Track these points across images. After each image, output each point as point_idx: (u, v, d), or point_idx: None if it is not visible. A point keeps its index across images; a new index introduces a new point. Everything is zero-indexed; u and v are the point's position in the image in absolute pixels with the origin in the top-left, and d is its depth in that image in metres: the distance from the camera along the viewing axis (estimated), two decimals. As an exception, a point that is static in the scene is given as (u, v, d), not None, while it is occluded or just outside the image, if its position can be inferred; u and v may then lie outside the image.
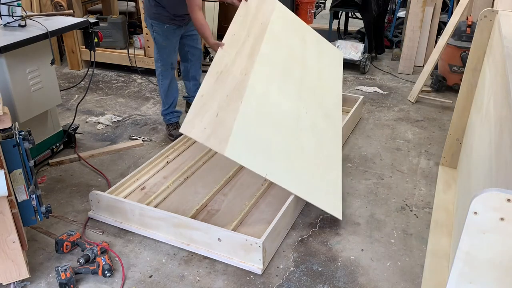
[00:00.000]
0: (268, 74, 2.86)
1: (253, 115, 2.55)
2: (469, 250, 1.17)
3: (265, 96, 2.72)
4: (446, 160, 3.04)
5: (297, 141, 2.68)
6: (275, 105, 2.74)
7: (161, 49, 3.24)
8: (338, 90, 3.48)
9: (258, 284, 2.14)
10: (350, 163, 3.15)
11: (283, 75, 2.98)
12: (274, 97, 2.77)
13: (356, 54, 4.83)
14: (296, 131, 2.74)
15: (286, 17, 3.44)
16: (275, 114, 2.69)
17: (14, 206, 1.94)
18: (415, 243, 2.40)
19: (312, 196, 2.47)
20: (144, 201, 2.59)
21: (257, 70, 2.77)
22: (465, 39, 4.07)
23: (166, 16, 3.10)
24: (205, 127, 2.29)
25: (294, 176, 2.49)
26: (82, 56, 4.89)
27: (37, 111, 2.95)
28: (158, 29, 3.17)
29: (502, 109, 1.71)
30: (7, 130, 1.90)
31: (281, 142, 2.58)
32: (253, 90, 2.64)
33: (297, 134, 2.73)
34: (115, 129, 3.66)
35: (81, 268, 2.16)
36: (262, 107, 2.65)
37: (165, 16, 3.10)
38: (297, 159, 2.59)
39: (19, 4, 2.79)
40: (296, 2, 6.18)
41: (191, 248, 2.33)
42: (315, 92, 3.17)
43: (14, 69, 2.70)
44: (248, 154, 2.35)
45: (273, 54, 3.02)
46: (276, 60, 3.02)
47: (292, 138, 2.67)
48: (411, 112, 3.94)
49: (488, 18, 2.55)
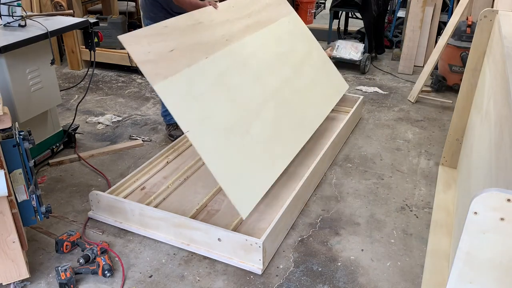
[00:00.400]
0: (250, 54, 2.71)
1: (210, 76, 2.38)
2: (469, 250, 1.17)
3: (235, 71, 2.55)
4: (446, 160, 3.04)
5: (244, 124, 2.49)
6: (240, 83, 2.56)
7: None
8: (324, 109, 3.29)
9: (258, 284, 2.14)
10: (350, 163, 3.15)
11: (268, 65, 2.85)
12: (245, 76, 2.60)
13: (356, 54, 4.83)
14: (251, 116, 2.54)
15: (297, 27, 3.39)
16: (234, 90, 2.50)
17: (14, 206, 1.94)
18: (415, 243, 2.40)
19: (226, 181, 2.23)
20: (144, 201, 2.59)
21: (242, 44, 2.62)
22: (465, 39, 4.08)
23: (162, 14, 3.08)
24: (150, 51, 2.19)
25: (219, 153, 2.28)
26: (82, 56, 4.89)
27: (37, 111, 2.95)
28: None
29: (502, 109, 1.71)
30: (7, 130, 1.90)
31: (224, 113, 2.39)
32: (227, 55, 2.50)
33: (251, 119, 2.53)
34: (115, 129, 3.66)
35: (81, 268, 2.16)
36: (225, 77, 2.47)
37: (162, 15, 3.08)
38: (233, 139, 2.39)
39: (19, 4, 2.79)
40: (296, 2, 6.19)
41: (191, 248, 2.33)
42: (297, 99, 3.02)
43: (14, 69, 2.70)
44: (180, 103, 2.20)
45: (266, 43, 2.92)
46: (267, 49, 2.90)
47: (241, 120, 2.47)
48: (411, 112, 3.94)
49: (488, 18, 2.55)
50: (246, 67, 2.68)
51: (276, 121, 2.71)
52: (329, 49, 5.00)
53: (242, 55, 2.69)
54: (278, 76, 2.95)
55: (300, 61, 3.26)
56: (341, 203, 2.72)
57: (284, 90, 2.95)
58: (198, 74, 2.34)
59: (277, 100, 2.82)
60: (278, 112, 2.76)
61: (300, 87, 3.12)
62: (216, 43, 2.52)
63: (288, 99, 2.96)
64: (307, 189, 2.72)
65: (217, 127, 2.34)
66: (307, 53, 3.39)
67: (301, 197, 2.62)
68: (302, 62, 3.28)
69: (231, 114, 2.46)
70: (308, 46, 3.46)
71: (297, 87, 3.09)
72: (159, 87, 2.16)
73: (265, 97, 2.74)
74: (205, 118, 2.30)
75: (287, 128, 2.78)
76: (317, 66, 3.47)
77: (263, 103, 2.69)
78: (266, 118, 2.65)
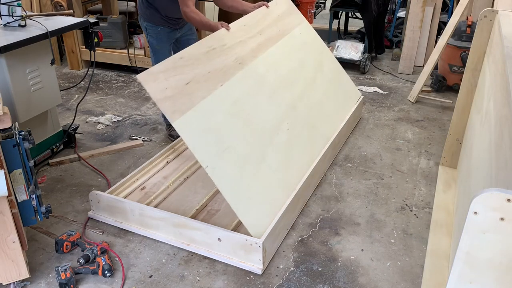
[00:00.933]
0: (263, 74, 2.75)
1: (226, 103, 2.38)
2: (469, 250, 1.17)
3: (249, 95, 2.56)
4: (446, 160, 3.04)
5: (259, 152, 2.49)
6: (255, 106, 2.57)
7: (155, 52, 3.19)
8: (338, 122, 3.26)
9: (258, 284, 2.14)
10: (350, 163, 3.15)
11: (281, 83, 2.87)
12: (259, 98, 2.62)
13: (356, 54, 4.83)
14: (265, 142, 2.55)
15: (309, 36, 3.37)
16: (249, 115, 2.51)
17: (14, 206, 1.94)
18: (415, 243, 2.40)
19: (242, 209, 2.23)
20: (144, 201, 2.59)
21: (255, 65, 2.63)
22: (465, 39, 4.07)
23: (159, 18, 3.05)
24: (167, 88, 2.19)
25: (235, 183, 2.29)
26: (82, 56, 4.89)
27: (37, 111, 2.95)
28: (151, 32, 3.12)
29: (502, 109, 1.71)
30: (7, 130, 1.90)
31: (240, 142, 2.39)
32: (241, 80, 2.51)
33: (265, 146, 2.53)
34: (115, 129, 3.66)
35: (81, 268, 2.16)
36: (240, 103, 2.48)
37: (158, 18, 3.06)
38: (249, 169, 2.39)
39: (19, 4, 2.79)
40: (296, 2, 6.18)
41: (191, 248, 2.33)
42: (311, 115, 3.00)
43: (14, 69, 2.70)
44: (198, 137, 2.22)
45: (278, 61, 2.93)
46: (279, 66, 2.92)
47: (256, 148, 2.48)
48: (411, 112, 3.94)
49: (488, 18, 2.55)
50: (260, 88, 2.68)
51: (290, 145, 2.71)
52: (329, 49, 5.00)
53: (256, 76, 2.70)
54: (291, 93, 2.93)
55: (312, 75, 3.24)
56: (341, 203, 2.72)
57: (298, 107, 2.93)
58: (214, 104, 2.35)
59: (291, 119, 2.81)
60: (292, 133, 2.76)
61: (313, 102, 3.11)
62: (230, 67, 2.52)
63: (302, 116, 2.94)
64: (307, 189, 2.72)
65: (234, 158, 2.34)
66: (318, 64, 3.36)
67: (301, 197, 2.62)
68: (315, 75, 3.26)
69: (247, 142, 2.46)
70: (320, 56, 3.44)
71: (311, 102, 3.08)
72: (177, 124, 2.17)
73: (278, 118, 2.72)
74: (222, 150, 2.30)
75: (301, 151, 2.77)
76: (330, 77, 3.46)
77: (277, 125, 2.68)
78: (280, 142, 2.64)
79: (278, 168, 2.54)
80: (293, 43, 3.18)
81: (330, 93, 3.36)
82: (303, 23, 3.35)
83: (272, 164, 2.52)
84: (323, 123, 3.11)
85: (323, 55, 3.51)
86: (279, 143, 2.64)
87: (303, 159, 2.75)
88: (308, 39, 3.40)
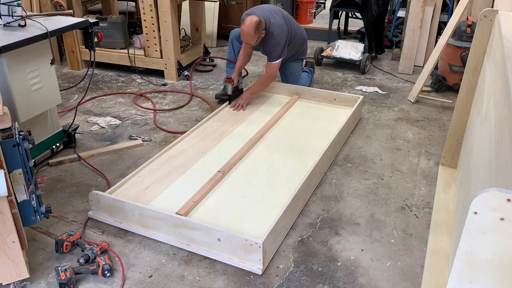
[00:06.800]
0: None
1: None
2: (469, 250, 1.17)
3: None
4: (446, 160, 3.04)
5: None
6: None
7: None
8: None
9: (258, 284, 2.14)
10: (350, 163, 3.15)
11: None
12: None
13: (356, 54, 4.83)
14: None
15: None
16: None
17: (14, 206, 1.94)
18: (415, 243, 2.40)
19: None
20: (144, 201, 2.59)
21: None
22: (465, 39, 4.07)
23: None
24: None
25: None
26: (82, 56, 4.89)
27: (37, 111, 2.95)
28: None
29: (502, 109, 1.71)
30: (7, 130, 1.90)
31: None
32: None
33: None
34: (115, 129, 3.66)
35: (81, 268, 2.16)
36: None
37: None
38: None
39: (19, 4, 2.79)
40: (296, 2, 6.18)
41: (191, 248, 2.33)
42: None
43: (14, 69, 2.70)
44: None
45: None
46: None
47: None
48: (411, 112, 3.94)
49: (488, 18, 2.55)
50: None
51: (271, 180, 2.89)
52: (329, 49, 5.00)
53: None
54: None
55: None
56: (341, 203, 2.72)
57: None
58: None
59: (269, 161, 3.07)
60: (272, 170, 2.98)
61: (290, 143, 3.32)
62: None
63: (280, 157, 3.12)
64: (307, 189, 2.72)
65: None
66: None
67: (301, 197, 2.62)
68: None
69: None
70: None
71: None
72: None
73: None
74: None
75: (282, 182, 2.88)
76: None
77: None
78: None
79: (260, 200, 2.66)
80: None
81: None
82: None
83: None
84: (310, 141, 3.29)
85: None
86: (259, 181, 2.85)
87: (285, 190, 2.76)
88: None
